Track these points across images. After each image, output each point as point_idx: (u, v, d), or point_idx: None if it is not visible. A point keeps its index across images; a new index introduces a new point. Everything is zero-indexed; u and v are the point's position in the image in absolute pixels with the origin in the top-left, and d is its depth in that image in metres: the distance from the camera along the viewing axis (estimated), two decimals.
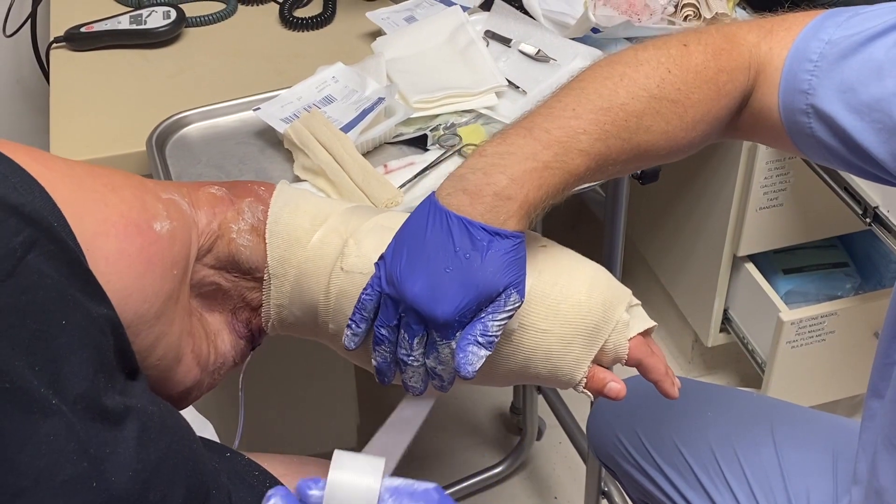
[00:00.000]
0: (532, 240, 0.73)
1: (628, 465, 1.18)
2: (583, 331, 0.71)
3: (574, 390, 0.73)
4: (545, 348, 0.71)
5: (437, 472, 1.88)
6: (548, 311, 0.70)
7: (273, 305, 0.71)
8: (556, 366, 0.71)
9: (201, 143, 1.19)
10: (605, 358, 0.73)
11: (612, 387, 0.72)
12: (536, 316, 0.70)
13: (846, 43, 0.79)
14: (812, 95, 0.79)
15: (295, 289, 0.70)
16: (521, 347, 0.71)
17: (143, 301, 0.58)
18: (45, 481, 0.44)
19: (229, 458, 0.65)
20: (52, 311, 0.46)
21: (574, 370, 0.72)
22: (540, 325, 0.70)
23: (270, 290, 0.70)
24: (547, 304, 0.70)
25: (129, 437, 0.49)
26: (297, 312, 0.71)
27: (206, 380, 0.68)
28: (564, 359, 0.71)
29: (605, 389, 0.72)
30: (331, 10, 1.46)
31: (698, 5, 1.34)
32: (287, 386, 1.56)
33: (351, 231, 0.71)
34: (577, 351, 0.71)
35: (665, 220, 1.89)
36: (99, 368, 0.48)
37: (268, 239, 0.69)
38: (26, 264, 0.46)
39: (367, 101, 1.16)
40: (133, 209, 0.59)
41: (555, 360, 0.71)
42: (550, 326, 0.70)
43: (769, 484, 1.07)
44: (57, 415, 0.45)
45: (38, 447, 0.44)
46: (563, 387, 0.74)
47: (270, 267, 0.69)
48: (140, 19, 1.38)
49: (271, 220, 0.70)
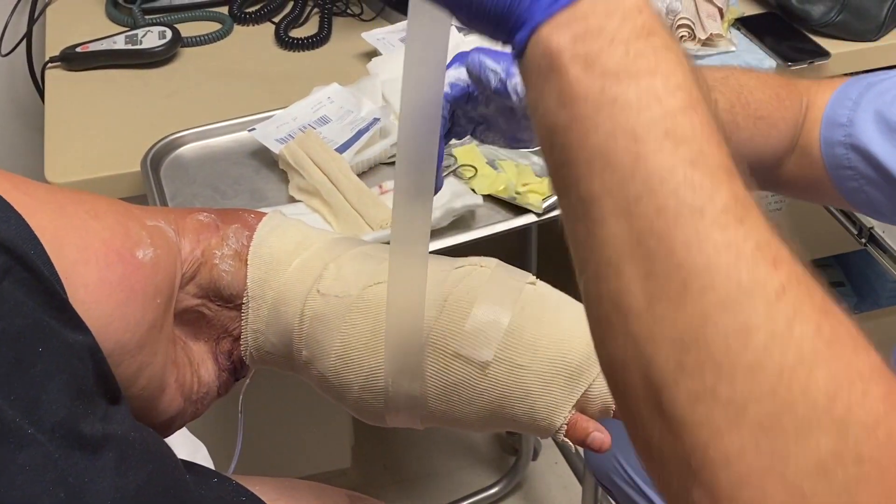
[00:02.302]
0: (520, 276, 0.70)
1: (627, 486, 1.17)
2: (563, 370, 0.66)
3: (553, 440, 0.68)
4: (521, 386, 0.66)
5: (433, 493, 1.88)
6: (526, 346, 0.66)
7: (250, 331, 0.69)
8: (532, 407, 0.66)
9: (196, 163, 1.18)
10: (590, 407, 0.67)
11: (596, 437, 0.66)
12: (514, 351, 0.66)
13: (884, 84, 0.85)
14: (849, 126, 0.83)
15: (272, 312, 0.68)
16: (497, 384, 0.66)
17: (124, 330, 0.57)
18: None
19: (216, 483, 0.64)
20: (28, 338, 0.46)
21: (552, 415, 0.67)
22: (516, 361, 0.66)
23: (248, 313, 0.69)
24: (526, 339, 0.66)
25: (108, 465, 0.48)
26: (273, 339, 0.69)
27: (189, 409, 0.67)
28: (542, 400, 0.66)
29: (588, 440, 0.67)
30: (326, 30, 1.46)
31: (693, 26, 1.34)
32: (280, 407, 1.55)
33: (334, 257, 0.69)
34: (557, 392, 0.66)
35: None
36: (77, 395, 0.47)
37: (249, 260, 0.68)
38: (0, 292, 0.45)
39: (363, 122, 1.16)
40: (116, 236, 0.58)
41: (532, 401, 0.66)
42: (528, 363, 0.66)
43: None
44: (34, 444, 0.44)
45: (13, 478, 0.43)
46: (543, 434, 0.68)
47: (249, 289, 0.68)
48: (135, 39, 1.38)
49: (255, 243, 0.68)
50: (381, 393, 0.68)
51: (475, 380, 0.67)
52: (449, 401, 0.67)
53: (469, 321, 0.66)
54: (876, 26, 1.41)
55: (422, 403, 0.68)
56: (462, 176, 1.12)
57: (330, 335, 0.67)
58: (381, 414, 0.70)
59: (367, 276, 0.68)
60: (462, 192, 1.09)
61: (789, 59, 1.37)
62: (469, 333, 0.66)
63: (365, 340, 0.67)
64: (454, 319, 0.66)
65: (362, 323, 0.67)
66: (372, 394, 0.68)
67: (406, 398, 0.68)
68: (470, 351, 0.66)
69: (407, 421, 0.70)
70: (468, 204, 1.07)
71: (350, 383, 0.68)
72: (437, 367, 0.66)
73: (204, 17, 1.50)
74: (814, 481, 0.37)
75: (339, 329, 0.67)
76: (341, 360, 0.68)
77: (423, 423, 0.70)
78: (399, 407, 0.69)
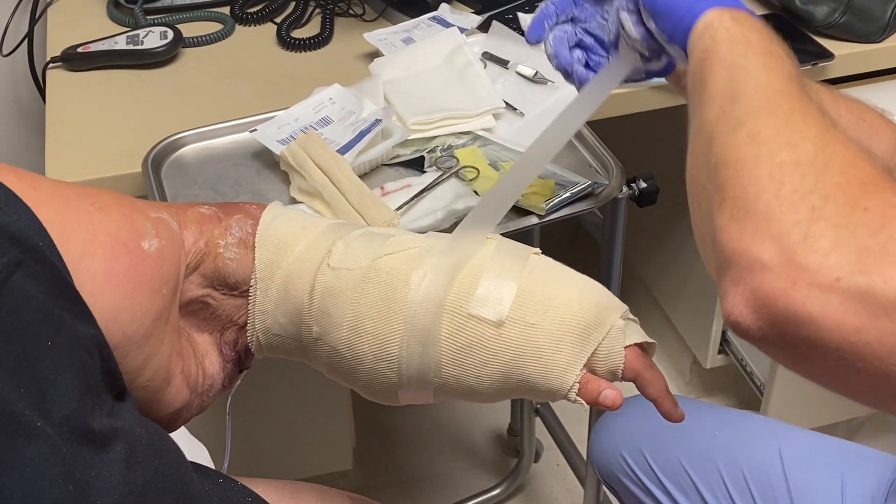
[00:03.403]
0: (525, 248, 0.71)
1: (631, 483, 1.17)
2: (574, 329, 0.68)
3: (567, 400, 0.69)
4: (534, 345, 0.68)
5: (434, 494, 1.87)
6: (537, 306, 0.68)
7: (258, 313, 0.69)
8: (545, 366, 0.68)
9: (197, 164, 1.18)
10: (599, 366, 0.69)
11: (608, 394, 0.68)
12: (525, 311, 0.67)
13: None
14: None
15: (280, 292, 0.69)
16: (510, 343, 0.68)
17: (131, 321, 0.58)
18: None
19: (221, 483, 0.64)
20: (38, 331, 0.46)
21: (564, 373, 0.68)
22: (528, 320, 0.67)
23: (256, 295, 0.69)
24: (536, 299, 0.68)
25: (116, 459, 0.48)
26: (282, 319, 0.70)
27: (195, 402, 0.68)
28: (554, 358, 0.68)
29: (601, 398, 0.68)
30: (328, 30, 1.45)
31: None
32: (282, 408, 1.55)
33: (341, 235, 0.70)
34: (568, 350, 0.68)
35: (663, 242, 1.88)
36: (86, 390, 0.48)
37: (257, 242, 0.68)
38: (11, 285, 0.45)
39: (364, 123, 1.16)
40: (121, 228, 0.59)
41: (545, 360, 0.68)
42: (539, 321, 0.67)
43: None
44: (42, 437, 0.44)
45: (22, 471, 0.43)
46: (555, 396, 0.70)
47: (257, 270, 0.68)
48: (137, 39, 1.38)
49: (262, 226, 0.69)
50: (394, 363, 0.68)
51: (489, 340, 0.68)
52: (463, 364, 0.68)
53: (481, 284, 0.68)
54: (880, 28, 1.41)
55: (435, 369, 0.68)
56: (464, 178, 1.12)
57: (342, 307, 0.68)
58: (394, 389, 0.70)
59: (376, 249, 0.69)
60: (464, 193, 1.09)
61: None
62: (482, 294, 0.67)
63: (378, 308, 0.68)
64: (467, 282, 0.68)
65: (375, 292, 0.68)
66: (385, 362, 0.69)
67: (419, 367, 0.68)
68: (484, 311, 0.67)
69: (419, 395, 0.71)
70: (470, 206, 1.07)
71: (363, 354, 0.69)
72: (450, 330, 0.67)
73: (205, 17, 1.50)
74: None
75: (351, 300, 0.68)
76: (354, 330, 0.68)
77: (436, 396, 0.71)
78: (412, 377, 0.69)
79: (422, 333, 0.67)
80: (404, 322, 0.67)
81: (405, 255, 0.69)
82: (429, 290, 0.67)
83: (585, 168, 1.16)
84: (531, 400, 1.75)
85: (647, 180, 1.15)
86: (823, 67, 1.39)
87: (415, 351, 0.68)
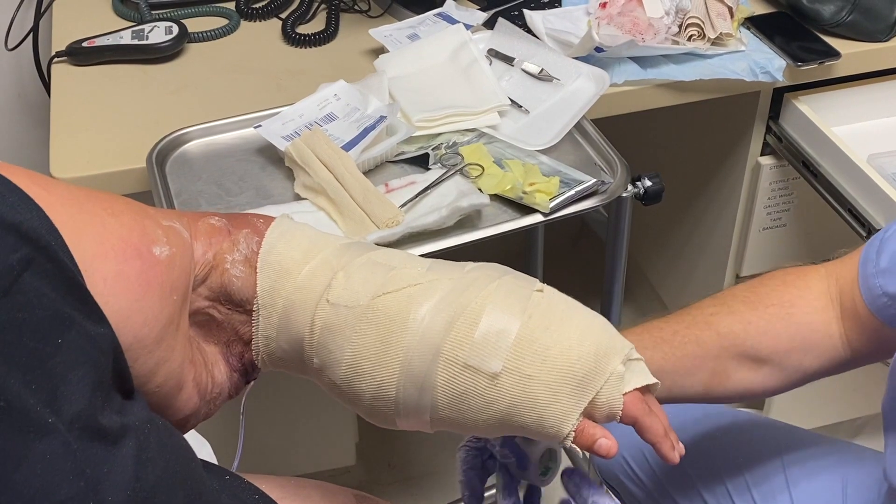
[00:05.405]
0: (528, 283, 0.70)
1: (633, 485, 1.17)
2: (571, 379, 0.67)
3: (563, 447, 0.69)
4: (530, 396, 0.67)
5: (437, 491, 1.87)
6: (534, 356, 0.67)
7: (261, 337, 0.69)
8: (541, 416, 0.68)
9: (202, 159, 1.18)
10: (597, 413, 0.69)
11: (603, 443, 0.68)
12: (522, 361, 0.67)
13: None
14: (879, 274, 0.89)
15: (282, 320, 0.68)
16: (506, 394, 0.67)
17: (142, 324, 0.58)
18: (40, 502, 0.44)
19: (229, 480, 0.64)
20: (50, 328, 0.46)
21: (561, 422, 0.68)
22: (525, 371, 0.67)
23: (259, 320, 0.69)
24: (534, 349, 0.67)
25: (127, 455, 0.48)
26: (285, 346, 0.69)
27: (203, 409, 0.68)
28: (550, 409, 0.67)
29: (595, 446, 0.68)
30: (333, 26, 1.45)
31: (703, 25, 1.34)
32: (285, 405, 1.55)
33: (343, 265, 0.69)
34: (565, 401, 0.67)
35: (668, 240, 1.88)
36: (96, 387, 0.48)
37: (259, 268, 0.68)
38: (23, 282, 0.45)
39: (369, 119, 1.16)
40: (133, 233, 0.59)
41: (540, 410, 0.67)
42: (536, 373, 0.67)
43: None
44: (53, 434, 0.44)
45: (33, 467, 0.44)
46: (551, 440, 0.70)
47: (259, 297, 0.68)
48: (142, 34, 1.38)
49: (264, 250, 0.68)
50: (391, 402, 0.68)
51: (484, 390, 0.67)
52: (458, 410, 0.68)
53: (478, 330, 0.67)
54: (887, 27, 1.40)
55: (432, 411, 0.68)
56: (469, 175, 1.12)
57: (340, 345, 0.68)
58: (393, 419, 0.70)
59: (375, 286, 0.68)
60: (468, 191, 1.09)
61: (799, 59, 1.36)
62: (478, 343, 0.67)
63: (375, 350, 0.67)
64: (463, 329, 0.67)
65: (372, 334, 0.67)
66: (383, 402, 0.69)
67: (416, 407, 0.68)
68: (479, 361, 0.67)
69: (417, 426, 0.71)
70: (474, 203, 1.07)
71: (361, 392, 0.69)
72: (446, 378, 0.67)
73: (211, 12, 1.50)
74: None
75: (349, 340, 0.67)
76: (352, 369, 0.68)
77: (433, 428, 0.70)
78: (409, 415, 0.69)
79: (418, 379, 0.67)
80: (401, 367, 0.67)
81: (404, 295, 0.67)
82: (426, 335, 0.66)
83: (590, 166, 1.16)
84: None
85: (653, 179, 1.15)
86: (830, 66, 1.39)
87: (412, 395, 0.68)
